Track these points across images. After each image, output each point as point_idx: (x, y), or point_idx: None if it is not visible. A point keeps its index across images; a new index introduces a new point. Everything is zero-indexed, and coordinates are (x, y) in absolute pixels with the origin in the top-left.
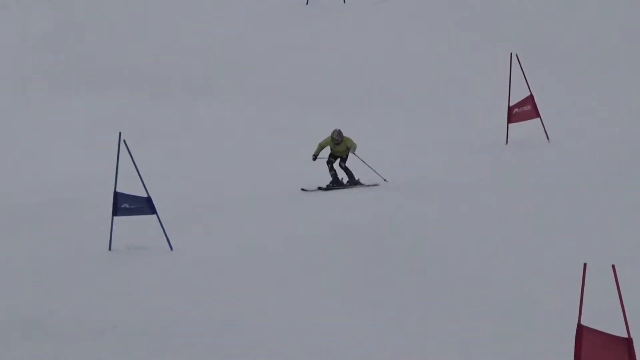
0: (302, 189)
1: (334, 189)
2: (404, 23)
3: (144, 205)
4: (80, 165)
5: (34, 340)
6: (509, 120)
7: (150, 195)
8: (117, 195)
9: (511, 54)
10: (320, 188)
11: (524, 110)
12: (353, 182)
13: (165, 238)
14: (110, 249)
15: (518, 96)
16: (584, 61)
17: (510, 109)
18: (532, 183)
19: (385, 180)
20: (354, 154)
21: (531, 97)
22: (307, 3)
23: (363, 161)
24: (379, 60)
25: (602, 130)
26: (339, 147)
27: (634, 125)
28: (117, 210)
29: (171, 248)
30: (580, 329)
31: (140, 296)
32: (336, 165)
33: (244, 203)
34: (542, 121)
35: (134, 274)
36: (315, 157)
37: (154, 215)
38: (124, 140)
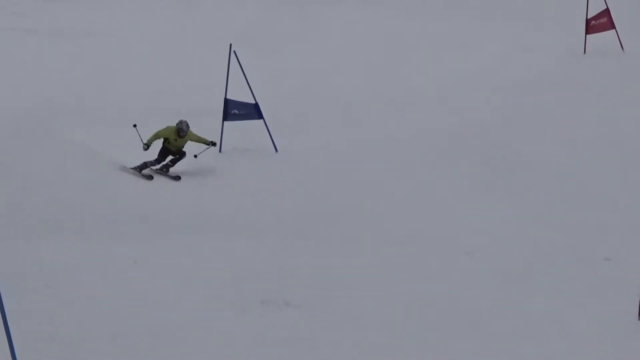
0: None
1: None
2: None
3: (252, 111)
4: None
5: (143, 230)
6: (587, 32)
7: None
8: (227, 102)
9: None
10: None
11: (600, 22)
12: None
13: (270, 140)
14: (220, 151)
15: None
16: None
17: (588, 21)
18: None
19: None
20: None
21: (607, 10)
22: None
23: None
24: None
25: None
26: (180, 141)
27: None
28: (227, 116)
29: (276, 150)
30: None
31: (249, 192)
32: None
33: (347, 110)
34: (617, 32)
35: (243, 173)
36: (147, 147)
37: (261, 120)
38: (234, 51)
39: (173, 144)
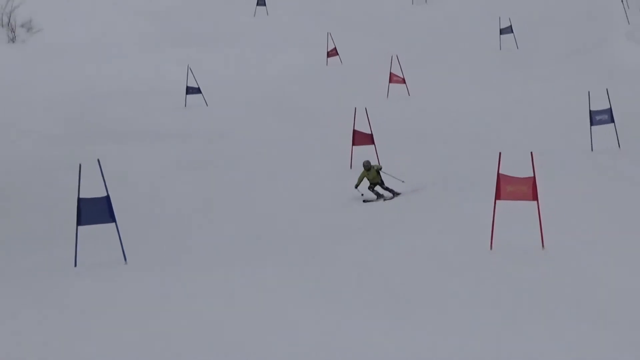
0: (363, 200)
1: (379, 199)
2: None
3: None
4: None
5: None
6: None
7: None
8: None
9: None
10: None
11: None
12: (394, 194)
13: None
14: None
15: None
16: None
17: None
18: None
19: (402, 181)
20: (383, 172)
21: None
22: None
23: (386, 173)
24: None
25: None
26: (371, 173)
27: None
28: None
29: None
30: (499, 175)
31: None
32: (378, 189)
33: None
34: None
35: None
36: (357, 186)
37: None
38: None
39: (370, 178)
